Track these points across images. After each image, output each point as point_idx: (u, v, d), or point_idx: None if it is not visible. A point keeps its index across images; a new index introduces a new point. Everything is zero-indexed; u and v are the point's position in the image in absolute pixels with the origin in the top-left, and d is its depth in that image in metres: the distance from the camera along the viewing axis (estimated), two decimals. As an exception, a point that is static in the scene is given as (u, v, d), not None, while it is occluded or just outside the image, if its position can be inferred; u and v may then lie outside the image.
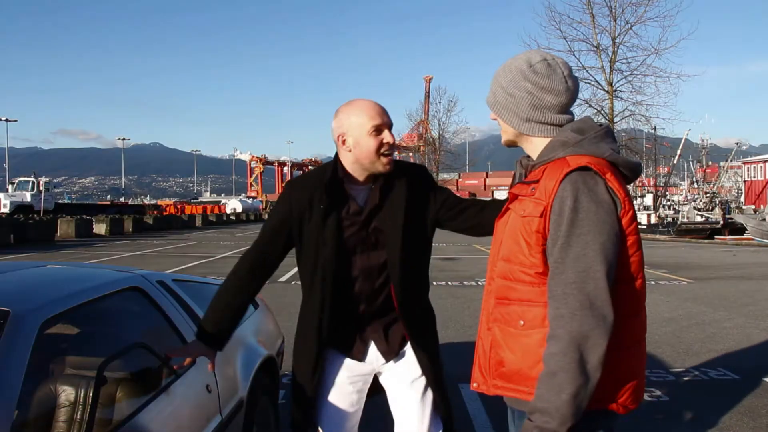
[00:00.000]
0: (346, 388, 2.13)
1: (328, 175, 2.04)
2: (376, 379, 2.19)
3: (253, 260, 2.12)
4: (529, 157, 1.63)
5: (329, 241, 2.01)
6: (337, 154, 2.08)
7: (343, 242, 2.02)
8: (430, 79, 56.89)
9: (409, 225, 2.04)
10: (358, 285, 2.05)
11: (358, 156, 2.00)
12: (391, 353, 2.11)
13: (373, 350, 2.11)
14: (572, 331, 1.34)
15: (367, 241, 2.04)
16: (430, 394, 2.11)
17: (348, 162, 2.03)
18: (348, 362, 2.12)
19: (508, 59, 1.64)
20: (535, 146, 1.60)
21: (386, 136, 1.99)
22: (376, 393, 2.22)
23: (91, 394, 1.88)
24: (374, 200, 2.04)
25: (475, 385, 1.61)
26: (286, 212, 2.08)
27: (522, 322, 1.47)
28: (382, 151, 1.99)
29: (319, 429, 2.12)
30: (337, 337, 2.09)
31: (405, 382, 2.12)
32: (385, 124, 1.99)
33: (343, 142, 2.01)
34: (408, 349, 2.13)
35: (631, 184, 1.58)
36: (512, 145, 1.67)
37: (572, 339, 1.34)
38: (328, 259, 2.02)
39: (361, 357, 2.11)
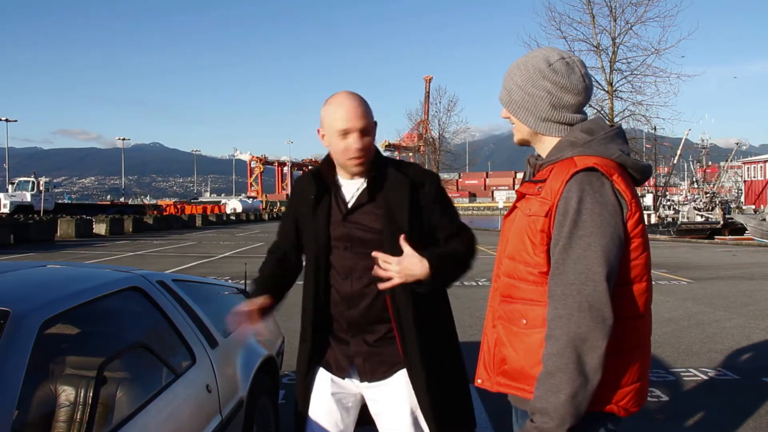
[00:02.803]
0: (331, 403, 2.02)
1: (320, 167, 2.05)
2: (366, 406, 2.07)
3: (276, 254, 2.23)
4: (538, 155, 1.62)
5: (319, 233, 1.99)
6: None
7: (330, 236, 1.99)
8: (430, 79, 56.92)
9: (397, 227, 1.91)
10: (342, 285, 1.98)
11: (333, 154, 1.98)
12: (369, 375, 1.99)
13: (362, 369, 2.00)
14: (570, 332, 1.34)
15: (352, 237, 1.96)
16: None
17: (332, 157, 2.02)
18: (338, 380, 2.04)
19: (521, 56, 1.61)
20: (546, 145, 1.58)
21: (352, 141, 1.90)
22: (369, 422, 2.09)
23: (91, 394, 1.88)
24: (363, 197, 1.97)
25: (479, 381, 1.62)
26: (292, 205, 2.14)
27: (524, 321, 1.47)
28: (348, 156, 1.92)
29: None
30: (322, 344, 2.05)
31: (393, 417, 1.98)
32: (353, 128, 1.89)
33: (322, 137, 1.98)
34: (399, 375, 1.97)
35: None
36: (525, 144, 1.65)
37: (569, 340, 1.34)
38: (318, 252, 2.00)
39: (341, 373, 2.02)
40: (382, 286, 1.89)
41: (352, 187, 2.00)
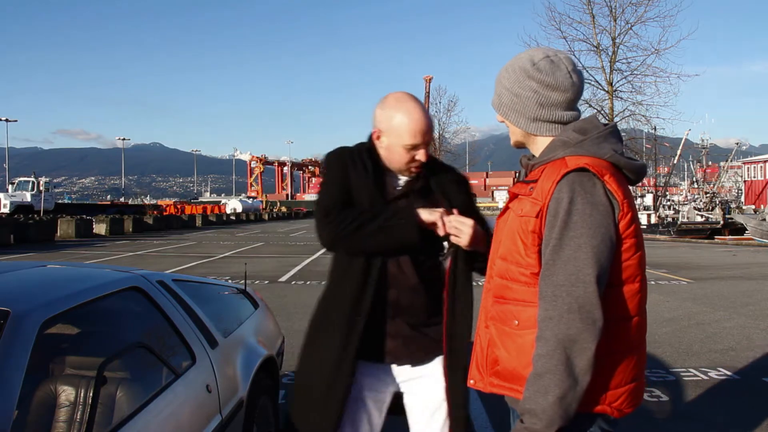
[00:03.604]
0: (364, 399, 1.95)
1: (368, 148, 1.98)
2: (399, 397, 2.04)
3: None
4: (531, 156, 1.62)
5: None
6: (372, 136, 2.00)
7: None
8: (430, 79, 56.87)
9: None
10: (391, 265, 1.92)
11: (387, 157, 1.96)
12: (407, 359, 1.95)
13: (401, 353, 1.95)
14: (559, 333, 1.34)
15: None
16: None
17: (381, 153, 1.98)
18: (370, 367, 1.94)
19: (510, 59, 1.62)
20: (540, 146, 1.58)
21: (420, 155, 1.93)
22: (399, 412, 2.06)
23: (91, 394, 1.88)
24: (416, 184, 1.97)
25: (472, 382, 1.62)
26: (343, 175, 1.94)
27: (517, 322, 1.48)
28: (411, 166, 1.95)
29: None
30: (355, 330, 1.89)
31: (427, 412, 1.97)
32: (423, 143, 1.92)
33: (378, 137, 1.96)
34: (437, 363, 1.97)
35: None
36: (521, 146, 1.65)
37: (559, 342, 1.34)
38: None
39: (377, 358, 1.93)
40: (464, 241, 1.89)
41: (398, 178, 2.01)
